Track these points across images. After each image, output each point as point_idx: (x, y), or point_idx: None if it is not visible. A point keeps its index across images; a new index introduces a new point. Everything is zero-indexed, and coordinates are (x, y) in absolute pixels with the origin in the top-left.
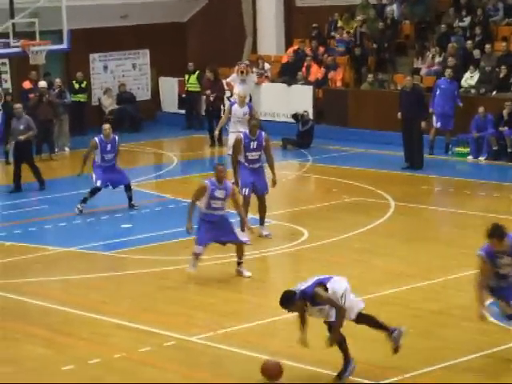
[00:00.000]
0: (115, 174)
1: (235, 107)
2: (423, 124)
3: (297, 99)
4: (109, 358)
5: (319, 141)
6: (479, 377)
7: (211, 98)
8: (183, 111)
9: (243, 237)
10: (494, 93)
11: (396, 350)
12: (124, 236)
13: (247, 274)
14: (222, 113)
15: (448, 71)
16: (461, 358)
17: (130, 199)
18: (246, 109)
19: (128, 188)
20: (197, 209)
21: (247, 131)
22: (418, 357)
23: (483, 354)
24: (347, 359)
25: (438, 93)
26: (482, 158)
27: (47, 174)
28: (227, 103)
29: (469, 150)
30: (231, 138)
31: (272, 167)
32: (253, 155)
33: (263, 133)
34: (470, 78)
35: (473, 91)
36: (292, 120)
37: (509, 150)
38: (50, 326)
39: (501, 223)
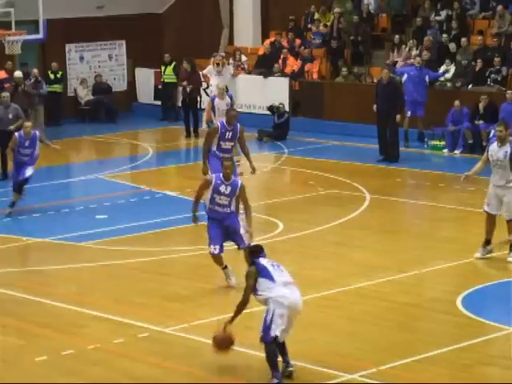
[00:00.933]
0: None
1: (217, 101)
2: (398, 117)
3: (273, 91)
4: (83, 349)
5: (295, 133)
6: (452, 369)
7: (188, 90)
8: (159, 102)
9: (242, 241)
10: (470, 86)
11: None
12: (99, 227)
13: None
14: (198, 104)
15: (417, 59)
16: (435, 351)
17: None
18: (227, 99)
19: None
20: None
21: (224, 120)
22: (392, 349)
23: (457, 346)
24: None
25: (406, 80)
26: (457, 152)
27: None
28: (204, 96)
29: (444, 143)
30: None
31: (248, 155)
32: (226, 145)
33: (238, 124)
34: (445, 72)
35: (449, 85)
36: (268, 112)
37: (484, 144)
38: (23, 317)
39: None
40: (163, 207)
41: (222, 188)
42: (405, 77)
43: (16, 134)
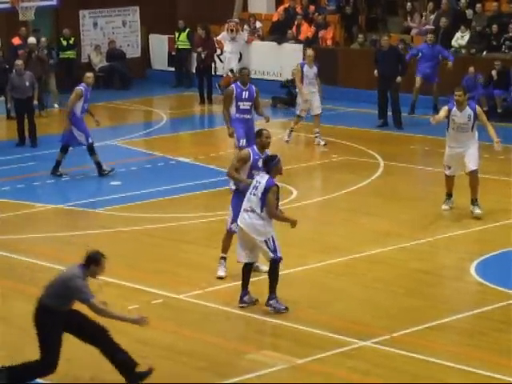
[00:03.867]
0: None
1: (306, 68)
2: (399, 79)
3: (287, 58)
4: (96, 316)
5: None
6: (465, 336)
7: (202, 56)
8: (173, 69)
9: None
10: (485, 53)
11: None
12: (113, 193)
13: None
14: (212, 71)
15: (429, 36)
16: (448, 318)
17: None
18: (315, 68)
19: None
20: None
21: (238, 82)
22: (405, 316)
23: (470, 313)
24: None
25: (420, 58)
26: None
27: (37, 130)
28: (218, 62)
29: None
30: (314, 99)
31: (262, 111)
32: (244, 105)
33: (253, 86)
34: (460, 38)
35: (463, 51)
36: (282, 78)
37: (499, 111)
38: (38, 283)
39: None
40: (177, 174)
41: (259, 163)
42: (419, 55)
43: (81, 87)
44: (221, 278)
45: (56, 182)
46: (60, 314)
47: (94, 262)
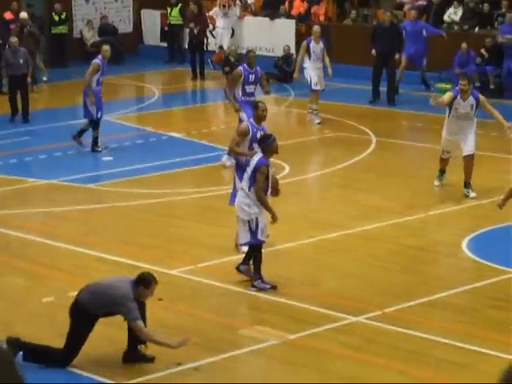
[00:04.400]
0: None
1: (313, 44)
2: (397, 56)
3: (279, 33)
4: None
5: (301, 76)
6: (458, 312)
7: (195, 32)
8: (165, 44)
9: None
10: (477, 29)
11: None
12: (105, 169)
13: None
14: (204, 46)
15: (412, 13)
16: (440, 294)
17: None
18: (321, 44)
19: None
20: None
21: (245, 64)
22: (397, 292)
23: (462, 289)
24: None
25: (405, 36)
26: None
27: (29, 105)
28: (211, 38)
29: (451, 86)
30: (313, 75)
31: (265, 85)
32: (250, 88)
33: (258, 67)
34: (453, 14)
35: (456, 27)
36: (274, 54)
37: (491, 87)
38: (30, 258)
39: None
40: (169, 149)
41: (258, 135)
42: (404, 33)
43: (98, 60)
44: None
45: (49, 157)
46: (97, 316)
47: (144, 284)
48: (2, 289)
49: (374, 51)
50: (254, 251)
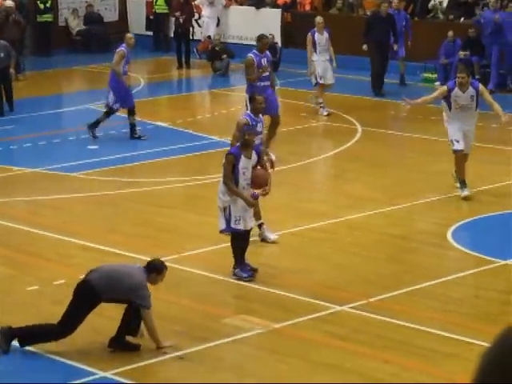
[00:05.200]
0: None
1: (317, 36)
2: (396, 46)
3: (265, 22)
4: (75, 279)
5: (287, 65)
6: (442, 302)
7: (181, 20)
8: (151, 33)
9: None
10: (462, 19)
11: None
12: (90, 157)
13: (271, 236)
14: (190, 35)
15: (395, 2)
16: (424, 283)
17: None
18: (326, 34)
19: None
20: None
21: (255, 50)
22: (382, 281)
23: (446, 279)
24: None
25: None
26: None
27: (14, 94)
28: (196, 27)
29: (436, 76)
30: (319, 68)
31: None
32: (265, 72)
33: (268, 51)
34: (438, 4)
35: (441, 17)
36: None
37: (476, 77)
38: (14, 247)
39: None
40: (155, 138)
41: (258, 127)
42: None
43: (123, 48)
44: (274, 241)
45: (33, 145)
46: (100, 300)
47: (156, 271)
48: None
49: (365, 46)
50: (232, 239)
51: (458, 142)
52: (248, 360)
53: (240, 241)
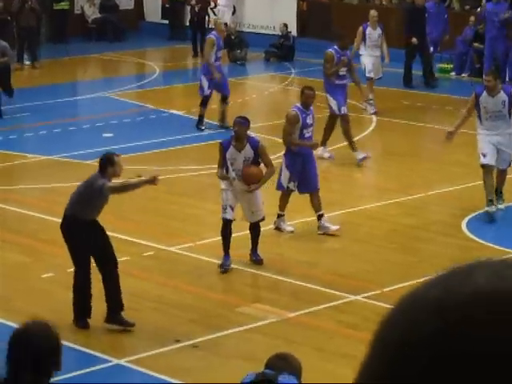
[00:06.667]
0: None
1: (369, 30)
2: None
3: (281, 11)
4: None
5: (302, 54)
6: None
7: (196, 9)
8: (166, 21)
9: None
10: (479, 9)
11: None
12: (105, 145)
13: (332, 227)
14: (206, 24)
15: None
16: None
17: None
18: (379, 29)
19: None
20: None
21: (335, 46)
22: (396, 271)
23: None
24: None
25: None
26: (464, 75)
27: (29, 82)
28: (212, 15)
29: (452, 66)
30: (368, 63)
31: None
32: (343, 70)
33: (348, 51)
34: None
35: (456, 8)
36: (276, 32)
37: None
38: (29, 234)
39: None
40: (169, 126)
41: (308, 119)
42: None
43: (212, 35)
44: (292, 231)
45: (48, 133)
46: (85, 222)
47: (109, 164)
48: (1, 264)
49: (414, 39)
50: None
51: (484, 156)
52: (261, 349)
53: (224, 229)
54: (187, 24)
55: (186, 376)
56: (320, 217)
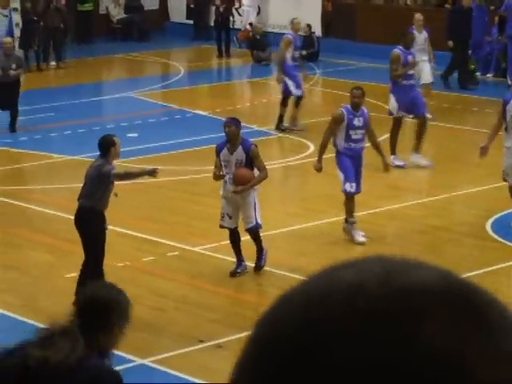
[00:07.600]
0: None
1: (415, 34)
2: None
3: (305, 11)
4: (112, 267)
5: (327, 54)
6: None
7: (221, 9)
8: (191, 21)
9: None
10: (503, 8)
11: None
12: (129, 145)
13: (360, 239)
14: (230, 24)
15: None
16: (463, 274)
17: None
18: (425, 33)
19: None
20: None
21: (401, 46)
22: None
23: (485, 270)
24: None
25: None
26: (489, 76)
27: (54, 82)
28: (236, 15)
29: (474, 67)
30: (420, 69)
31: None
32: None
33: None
34: None
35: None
36: (300, 32)
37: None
38: (53, 234)
39: None
40: (194, 127)
41: (356, 121)
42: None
43: (289, 35)
44: (361, 243)
45: (73, 133)
46: (99, 212)
47: (112, 145)
48: (25, 263)
49: (451, 42)
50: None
51: (508, 174)
52: None
53: (229, 237)
54: (212, 24)
55: (209, 376)
56: (347, 220)
